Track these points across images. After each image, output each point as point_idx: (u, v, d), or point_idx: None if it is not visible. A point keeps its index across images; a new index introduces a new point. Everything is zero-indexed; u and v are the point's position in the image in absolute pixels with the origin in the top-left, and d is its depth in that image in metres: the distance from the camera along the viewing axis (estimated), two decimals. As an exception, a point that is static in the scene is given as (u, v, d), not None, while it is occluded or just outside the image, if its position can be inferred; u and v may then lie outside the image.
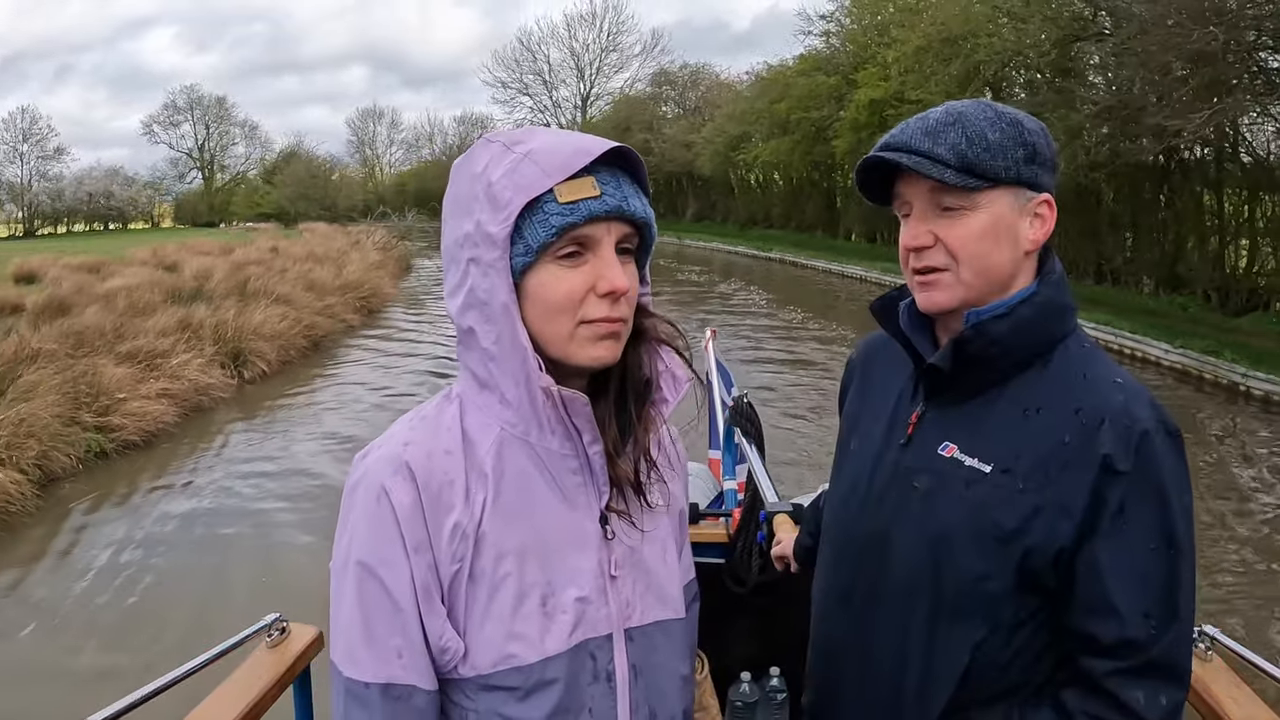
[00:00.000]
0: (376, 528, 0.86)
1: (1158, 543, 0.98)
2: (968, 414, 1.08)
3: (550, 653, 0.88)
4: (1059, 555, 1.00)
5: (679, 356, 0.96)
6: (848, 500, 1.19)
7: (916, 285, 1.10)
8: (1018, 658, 1.04)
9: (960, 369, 1.07)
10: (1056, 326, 1.07)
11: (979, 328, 1.05)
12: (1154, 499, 0.98)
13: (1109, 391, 1.02)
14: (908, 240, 1.08)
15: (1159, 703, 0.98)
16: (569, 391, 0.87)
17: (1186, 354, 10.96)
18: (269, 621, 1.52)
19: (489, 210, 0.85)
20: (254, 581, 5.36)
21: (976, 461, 1.04)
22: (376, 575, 0.86)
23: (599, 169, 0.86)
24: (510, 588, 0.88)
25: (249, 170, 64.34)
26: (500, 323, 0.86)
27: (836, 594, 1.19)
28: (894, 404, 1.16)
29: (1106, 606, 0.98)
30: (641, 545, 0.96)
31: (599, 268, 0.86)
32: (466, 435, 0.90)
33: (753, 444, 2.22)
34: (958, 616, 1.04)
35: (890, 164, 1.06)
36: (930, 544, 1.06)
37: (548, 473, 0.91)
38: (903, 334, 1.15)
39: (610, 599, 0.92)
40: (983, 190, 1.03)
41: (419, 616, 0.86)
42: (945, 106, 1.07)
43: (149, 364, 9.51)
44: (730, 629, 1.86)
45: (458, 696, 0.90)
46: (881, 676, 1.10)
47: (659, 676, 0.96)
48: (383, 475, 0.87)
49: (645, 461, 0.95)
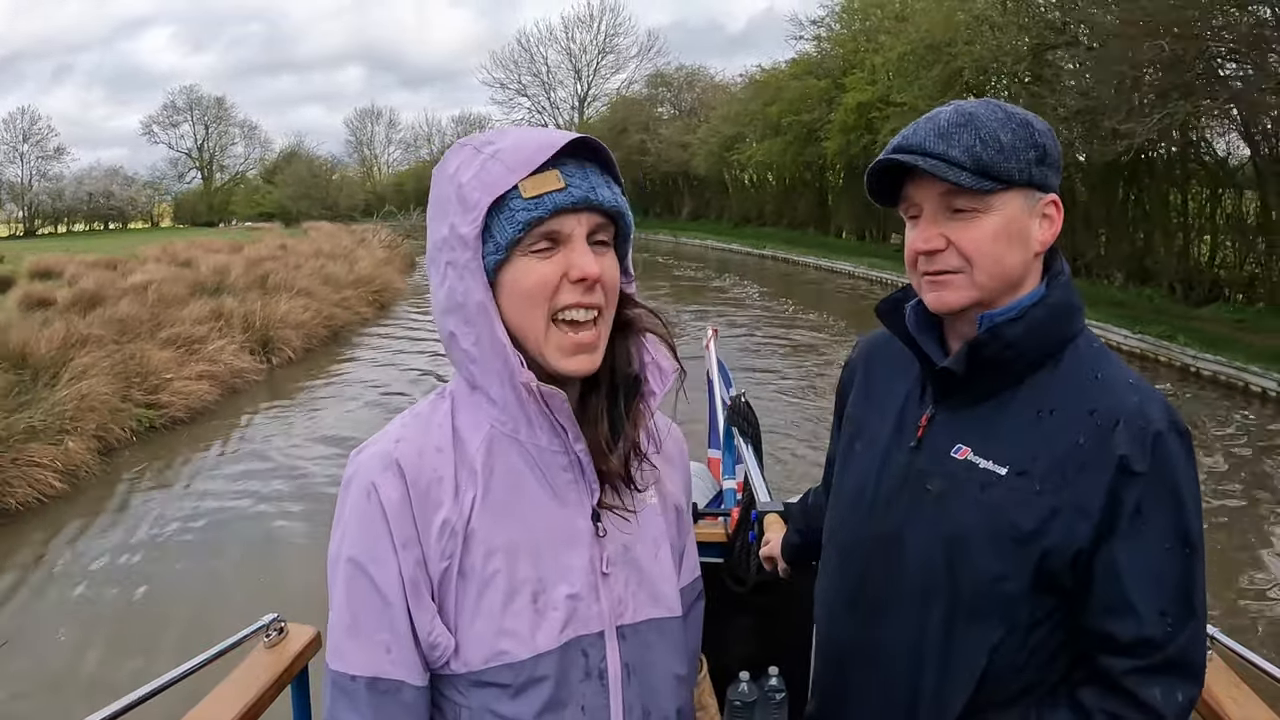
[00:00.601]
0: (366, 524, 0.87)
1: (1173, 542, 0.98)
2: (980, 416, 1.07)
3: (541, 649, 0.88)
4: (1077, 556, 0.99)
5: (665, 346, 0.96)
6: (855, 503, 1.17)
7: (926, 285, 1.08)
8: (1034, 657, 1.04)
9: (974, 372, 1.06)
10: (1067, 327, 1.06)
11: (994, 331, 1.04)
12: (1170, 499, 0.98)
13: (1123, 393, 1.01)
14: (919, 244, 1.06)
15: (1175, 699, 0.98)
16: (548, 388, 0.87)
17: (1145, 339, 11.81)
18: (267, 621, 1.51)
19: (460, 212, 0.86)
20: (290, 524, 6.30)
21: (991, 464, 1.03)
22: (365, 571, 0.87)
23: (565, 162, 0.86)
24: (500, 584, 0.88)
25: (248, 170, 64.33)
26: (478, 323, 0.87)
27: (844, 598, 1.18)
28: (901, 406, 1.15)
29: (1124, 606, 0.98)
30: (634, 543, 0.96)
31: (570, 258, 0.86)
32: (457, 433, 0.91)
33: (749, 443, 2.23)
34: (974, 618, 1.03)
35: (902, 166, 1.04)
36: (945, 546, 1.05)
37: (538, 470, 0.91)
38: (909, 336, 1.14)
39: (602, 596, 0.92)
40: (996, 192, 1.02)
41: (408, 612, 0.87)
42: (954, 107, 1.06)
43: (188, 349, 10.31)
44: (729, 628, 1.86)
45: (450, 692, 0.91)
46: (895, 681, 1.09)
47: (653, 675, 0.96)
48: (373, 472, 0.88)
49: (635, 455, 0.95)
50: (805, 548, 1.45)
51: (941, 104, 1.10)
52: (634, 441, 0.94)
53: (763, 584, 1.84)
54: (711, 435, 3.22)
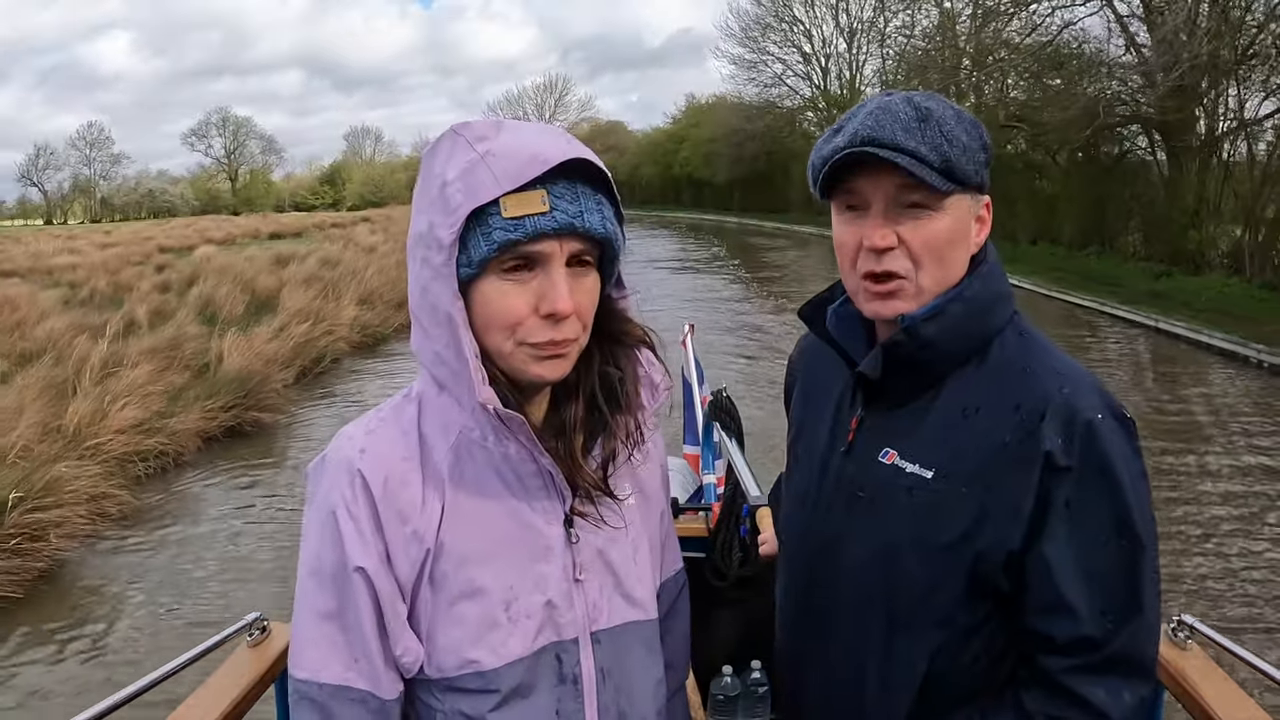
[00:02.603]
0: (332, 537, 0.82)
1: (1110, 535, 0.90)
2: (906, 418, 1.00)
3: (512, 657, 0.84)
4: (1009, 558, 0.92)
5: (657, 361, 0.91)
6: (798, 508, 1.12)
7: (869, 294, 0.98)
8: (976, 662, 0.97)
9: (891, 374, 0.98)
10: (991, 320, 0.98)
11: (909, 330, 0.96)
12: (1104, 490, 0.90)
13: (1049, 383, 0.94)
14: (874, 239, 0.95)
15: (1122, 699, 0.91)
16: (506, 412, 0.80)
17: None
18: (250, 620, 1.45)
19: (441, 213, 0.78)
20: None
21: (917, 468, 0.97)
22: (333, 583, 0.82)
23: (557, 179, 0.78)
24: (469, 593, 0.83)
25: (270, 172, 76.43)
26: (446, 330, 0.80)
27: (794, 602, 1.13)
28: (834, 409, 1.08)
29: (1060, 605, 0.91)
30: (609, 547, 0.91)
31: (544, 287, 0.78)
32: (424, 440, 0.85)
33: (733, 438, 2.18)
34: (912, 626, 0.98)
35: (863, 158, 0.93)
36: (878, 555, 0.99)
37: (508, 476, 0.85)
38: (832, 339, 1.06)
39: (575, 602, 0.87)
40: (952, 193, 0.94)
41: (376, 622, 0.82)
42: (905, 98, 0.96)
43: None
44: (711, 622, 1.80)
45: (426, 696, 0.86)
46: (842, 686, 1.04)
47: (629, 679, 0.91)
48: (339, 484, 0.82)
49: (613, 464, 0.89)
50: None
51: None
52: (612, 451, 0.88)
53: (744, 578, 1.84)
54: (688, 432, 3.16)
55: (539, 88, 71.93)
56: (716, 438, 2.40)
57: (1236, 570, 4.75)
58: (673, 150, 51.54)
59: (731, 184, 44.25)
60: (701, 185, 48.51)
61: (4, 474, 5.22)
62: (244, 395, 7.67)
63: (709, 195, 48.07)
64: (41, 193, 70.77)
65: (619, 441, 0.89)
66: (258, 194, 71.30)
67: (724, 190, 45.77)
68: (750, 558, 1.83)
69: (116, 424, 6.49)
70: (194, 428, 7.05)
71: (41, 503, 5.08)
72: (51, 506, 5.11)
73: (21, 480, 5.12)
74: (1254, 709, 1.19)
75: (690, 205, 49.80)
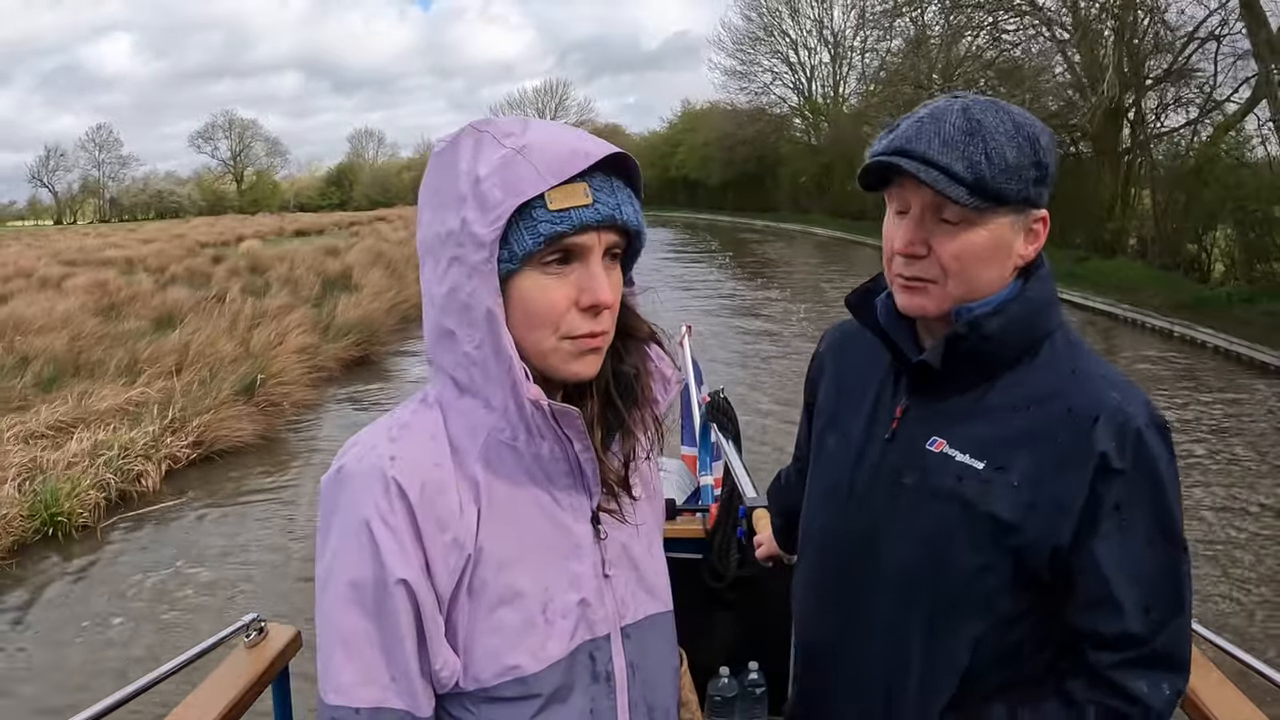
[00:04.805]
0: (368, 549, 0.77)
1: (1156, 538, 0.94)
2: (956, 409, 1.00)
3: (552, 659, 0.82)
4: (1054, 553, 0.94)
5: (667, 356, 0.91)
6: (830, 499, 1.10)
7: (900, 287, 1.00)
8: (1017, 651, 0.99)
9: (951, 365, 0.99)
10: (1045, 322, 1.00)
11: (973, 324, 0.96)
12: (1151, 495, 0.94)
13: (1101, 389, 0.95)
14: (900, 245, 0.98)
15: (1162, 691, 0.95)
16: (561, 406, 0.79)
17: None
18: (247, 621, 1.44)
19: (476, 209, 0.76)
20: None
21: (968, 457, 0.98)
22: (370, 598, 0.77)
23: (593, 173, 0.78)
24: (509, 598, 0.81)
25: (275, 173, 76.34)
26: (483, 329, 0.78)
27: (821, 595, 1.11)
28: (874, 398, 1.08)
29: (1109, 601, 0.93)
30: (631, 541, 0.91)
31: (584, 279, 0.78)
32: (453, 445, 0.82)
33: (730, 439, 2.18)
34: (956, 613, 0.98)
35: (894, 166, 0.94)
36: (924, 541, 0.99)
37: (539, 477, 0.84)
38: (881, 329, 1.06)
39: (606, 599, 0.87)
40: (989, 210, 0.94)
41: (415, 638, 0.79)
42: (962, 109, 0.95)
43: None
44: (708, 624, 1.83)
45: (458, 711, 0.83)
46: (877, 678, 1.03)
47: (653, 671, 0.91)
48: (371, 494, 0.78)
49: (634, 459, 0.89)
50: (791, 529, 1.34)
51: (947, 93, 1.01)
52: (631, 446, 0.88)
53: (741, 579, 1.85)
54: (685, 433, 3.21)
55: (540, 91, 72.70)
56: (714, 439, 2.36)
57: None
58: (669, 153, 53.32)
59: (725, 185, 46.55)
60: (696, 186, 50.67)
61: (242, 368, 8.25)
62: (368, 335, 11.00)
63: (703, 196, 50.08)
64: (52, 194, 71.39)
65: (638, 436, 0.89)
66: (264, 195, 72.41)
67: (718, 191, 47.81)
68: (748, 559, 1.80)
69: (291, 347, 9.42)
70: (339, 355, 10.18)
71: (277, 383, 8.33)
72: (280, 385, 8.32)
73: (260, 369, 8.27)
74: (1253, 710, 1.21)
75: (686, 205, 51.55)
